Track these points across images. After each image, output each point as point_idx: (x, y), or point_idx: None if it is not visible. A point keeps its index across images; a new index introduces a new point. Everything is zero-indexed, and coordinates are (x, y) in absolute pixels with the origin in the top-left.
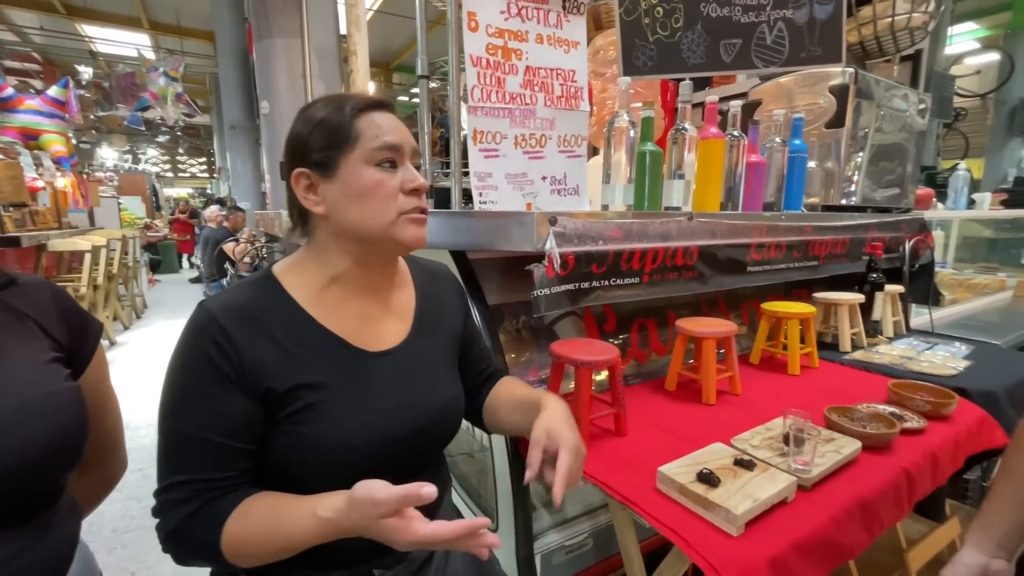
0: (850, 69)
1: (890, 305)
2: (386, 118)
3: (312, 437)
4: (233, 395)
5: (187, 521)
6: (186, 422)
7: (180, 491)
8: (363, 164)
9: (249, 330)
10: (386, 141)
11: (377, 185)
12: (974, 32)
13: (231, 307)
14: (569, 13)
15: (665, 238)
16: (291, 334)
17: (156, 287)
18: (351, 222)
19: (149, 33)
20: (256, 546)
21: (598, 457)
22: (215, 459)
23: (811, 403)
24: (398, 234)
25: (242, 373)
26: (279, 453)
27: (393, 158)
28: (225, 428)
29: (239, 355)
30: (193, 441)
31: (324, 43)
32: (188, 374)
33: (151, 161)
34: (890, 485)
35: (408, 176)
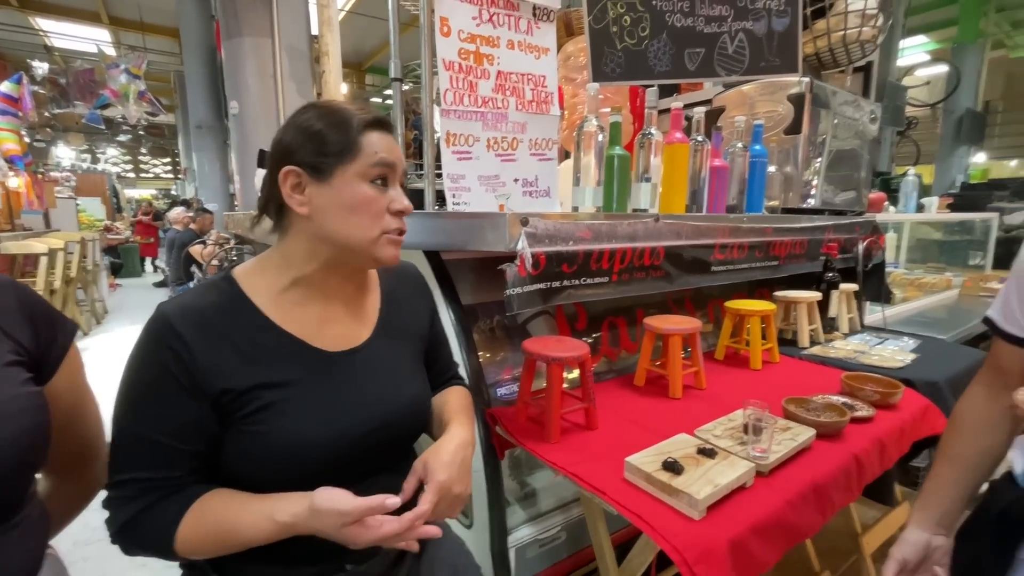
0: (806, 79)
1: (845, 303)
2: (384, 138)
3: (272, 436)
4: (185, 400)
5: (139, 516)
6: (137, 422)
7: (130, 488)
8: (358, 178)
9: (206, 334)
10: (383, 159)
11: (369, 201)
12: (924, 45)
13: (188, 311)
14: (539, 20)
15: (633, 239)
16: (250, 335)
17: (118, 292)
18: (335, 231)
19: (109, 28)
20: (209, 544)
21: (569, 450)
22: (163, 459)
23: (771, 395)
24: (377, 252)
25: (196, 378)
26: (238, 454)
27: (387, 175)
28: (175, 430)
29: (194, 360)
30: (143, 441)
31: (295, 43)
32: (142, 376)
33: (112, 161)
34: (841, 470)
35: (397, 197)
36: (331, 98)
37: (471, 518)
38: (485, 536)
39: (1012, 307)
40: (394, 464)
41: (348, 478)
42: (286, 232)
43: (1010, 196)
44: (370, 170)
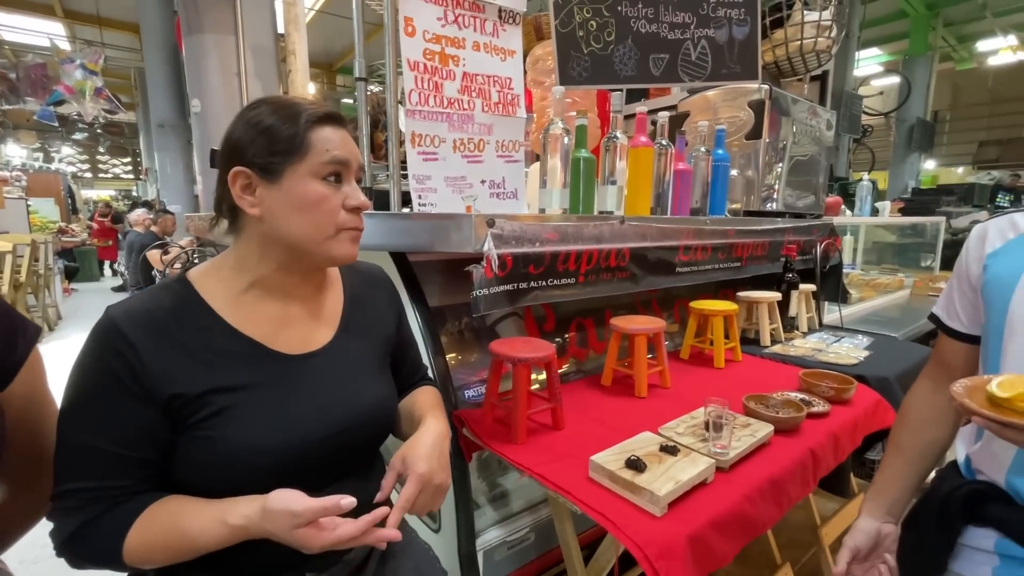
0: (765, 86)
1: (804, 303)
2: (337, 132)
3: (225, 442)
4: (132, 406)
5: (85, 527)
6: (83, 430)
7: (75, 498)
8: (309, 176)
9: (153, 337)
10: (335, 156)
11: (321, 199)
12: (878, 57)
13: (136, 314)
14: (505, 23)
15: (599, 240)
16: (204, 339)
17: (73, 296)
18: (288, 231)
19: (64, 22)
20: (160, 551)
21: (535, 450)
22: (111, 468)
23: (733, 393)
24: (332, 250)
25: (145, 383)
26: (190, 461)
27: (340, 172)
28: (122, 438)
29: (143, 364)
30: (89, 450)
31: (261, 41)
32: (88, 382)
33: (67, 160)
34: (797, 464)
35: (352, 193)
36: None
37: (439, 522)
38: (453, 539)
39: (954, 305)
40: (359, 469)
41: (310, 484)
42: (240, 233)
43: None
44: (322, 167)
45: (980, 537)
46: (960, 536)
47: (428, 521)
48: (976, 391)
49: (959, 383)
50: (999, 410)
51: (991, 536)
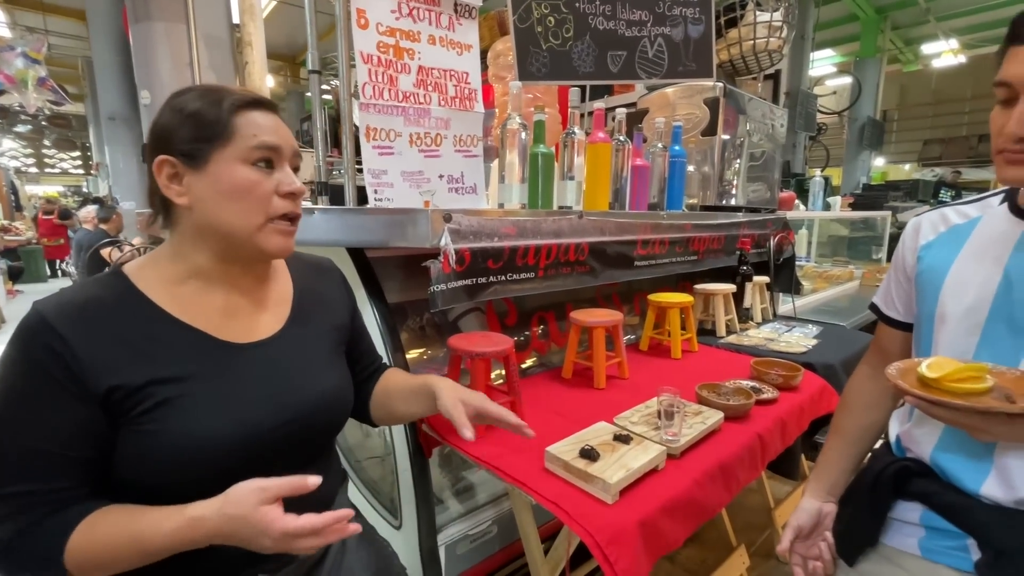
0: (720, 84)
1: (758, 294)
2: (266, 118)
3: (170, 434)
4: (66, 403)
5: (22, 534)
6: (13, 432)
7: (9, 504)
8: (237, 162)
9: (86, 329)
10: (264, 141)
11: (251, 185)
12: (831, 58)
13: (65, 306)
14: (461, 17)
15: (558, 235)
16: (142, 330)
17: (17, 299)
18: (218, 220)
19: (3, 7)
20: (108, 556)
21: (493, 443)
22: (47, 470)
23: (688, 382)
24: (263, 242)
25: (77, 376)
26: (132, 457)
27: (270, 158)
28: (58, 437)
29: (74, 356)
30: (22, 452)
31: (214, 31)
32: (16, 380)
33: (9, 154)
34: (746, 449)
35: (285, 179)
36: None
37: (400, 519)
38: (414, 536)
39: (891, 294)
40: (313, 460)
41: (262, 476)
42: (174, 225)
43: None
44: (250, 152)
45: (908, 511)
46: (890, 511)
47: (389, 517)
48: (908, 373)
49: (893, 366)
50: (929, 390)
51: (917, 509)
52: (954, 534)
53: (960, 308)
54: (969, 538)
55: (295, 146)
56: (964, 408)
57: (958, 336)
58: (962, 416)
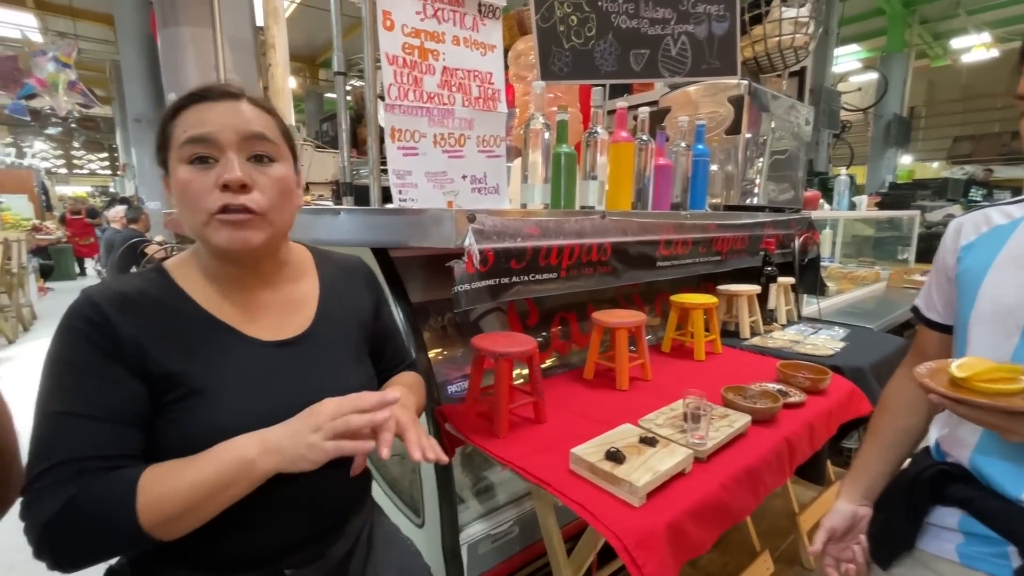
0: (745, 81)
1: (783, 295)
2: (205, 110)
3: (196, 424)
4: (112, 370)
5: (77, 498)
6: (64, 401)
7: (60, 473)
8: (178, 163)
9: (127, 314)
10: (191, 135)
11: (184, 185)
12: (856, 54)
13: (110, 291)
14: (485, 17)
15: (580, 235)
16: (177, 321)
17: (48, 296)
18: (182, 223)
19: (35, 13)
20: (173, 494)
21: (517, 444)
22: (98, 438)
23: (713, 385)
24: (211, 237)
25: (119, 351)
26: (163, 446)
27: (203, 153)
28: (106, 404)
29: (115, 334)
30: (72, 420)
31: (239, 34)
32: (62, 353)
33: (40, 156)
34: (773, 453)
35: (222, 170)
36: (278, 92)
37: (422, 517)
38: (436, 534)
39: (932, 296)
40: (336, 460)
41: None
42: None
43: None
44: (183, 150)
45: (945, 516)
46: (927, 515)
47: (412, 515)
48: (939, 373)
49: (924, 365)
50: (958, 390)
51: (955, 515)
52: (993, 540)
53: (999, 309)
54: (1009, 545)
55: (247, 130)
56: (988, 407)
57: (997, 338)
58: (987, 415)
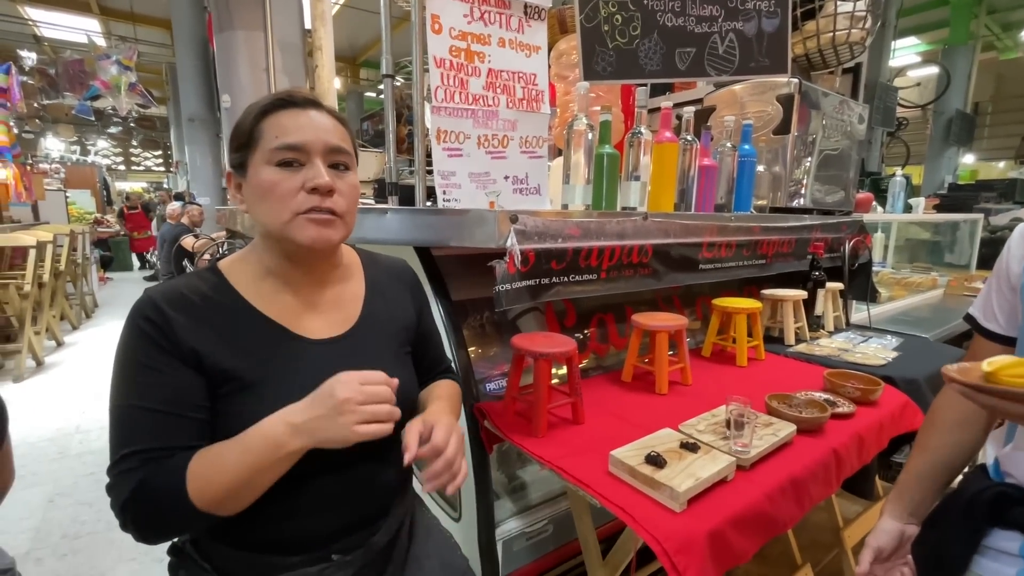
0: (795, 80)
1: (831, 301)
2: (292, 117)
3: (245, 419)
4: (171, 365)
5: (144, 481)
6: (130, 395)
7: (131, 461)
8: (263, 164)
9: (184, 313)
10: (284, 142)
11: (272, 185)
12: (915, 47)
13: (169, 291)
14: (530, 19)
15: (621, 236)
16: (230, 320)
17: (108, 285)
18: (259, 220)
19: (99, 18)
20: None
21: (555, 444)
22: (162, 429)
23: (755, 391)
24: (294, 234)
25: (177, 346)
26: (219, 439)
27: (293, 158)
28: (168, 397)
29: (172, 330)
30: (139, 413)
31: (288, 37)
32: (128, 351)
33: (102, 153)
34: (820, 464)
35: (310, 175)
36: (323, 93)
37: (459, 511)
38: (473, 529)
39: (991, 305)
40: (378, 452)
41: (329, 466)
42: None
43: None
44: (272, 154)
45: (1005, 540)
46: (984, 538)
47: (449, 510)
48: (970, 371)
49: (955, 364)
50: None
51: (1017, 539)
52: None
53: None
54: None
55: (331, 142)
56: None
57: None
58: (1009, 404)
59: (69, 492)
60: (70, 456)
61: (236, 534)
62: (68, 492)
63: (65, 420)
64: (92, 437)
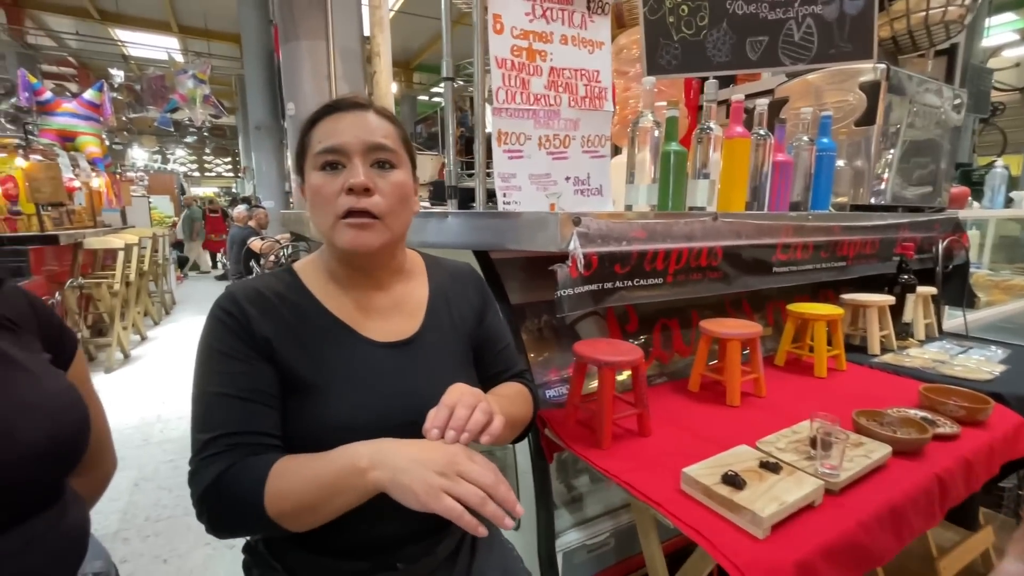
0: (881, 65)
1: (922, 307)
2: (336, 120)
3: (307, 416)
4: (248, 355)
5: (226, 473)
6: (211, 383)
7: (215, 446)
8: (312, 170)
9: (259, 307)
10: (325, 145)
11: (317, 189)
12: (1013, 23)
13: (248, 289)
14: (593, 14)
15: (689, 238)
16: (301, 317)
17: (183, 284)
18: (314, 225)
19: (178, 36)
20: (295, 491)
21: (621, 457)
22: (244, 415)
23: (838, 406)
24: (336, 238)
25: (253, 338)
26: (284, 436)
27: (335, 160)
28: (245, 385)
29: (249, 325)
30: (222, 399)
31: (348, 44)
32: (209, 342)
33: (179, 161)
34: (921, 491)
35: (348, 175)
36: (382, 97)
37: (518, 521)
38: (532, 539)
39: None
40: None
41: None
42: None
43: None
44: (317, 158)
45: None
46: None
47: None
48: None
49: None
50: None
51: None
52: None
53: None
54: None
55: (372, 141)
56: None
57: None
58: None
59: (151, 477)
60: (152, 443)
61: (307, 537)
62: (151, 477)
63: (148, 409)
64: (171, 426)
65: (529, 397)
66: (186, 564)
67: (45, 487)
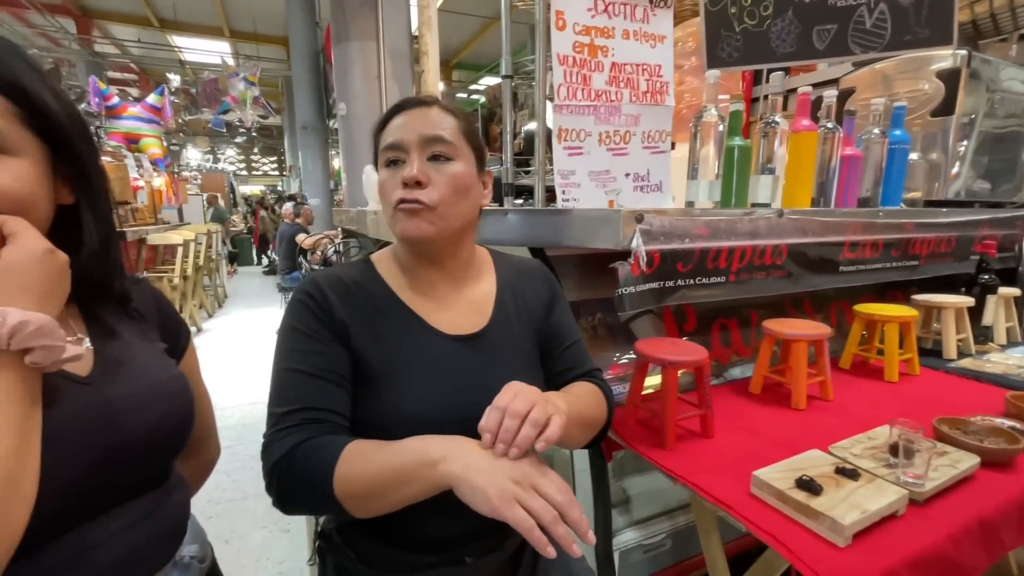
0: (961, 51)
1: (1003, 309)
2: (398, 120)
3: (373, 402)
4: (325, 336)
5: (299, 448)
6: (292, 360)
7: (290, 419)
8: (381, 167)
9: (340, 295)
10: (387, 142)
11: (382, 184)
12: None
13: (331, 276)
14: (656, 7)
15: (753, 236)
16: (376, 305)
17: (234, 278)
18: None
19: (229, 41)
20: (366, 479)
21: (686, 458)
22: (320, 392)
23: (914, 412)
24: (394, 228)
25: (332, 321)
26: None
27: (396, 157)
28: (322, 365)
29: (329, 309)
30: (299, 375)
31: (397, 45)
32: (292, 322)
33: (229, 161)
34: (1014, 505)
35: (404, 169)
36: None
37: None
38: None
39: None
40: None
41: None
42: None
43: None
44: (382, 156)
45: None
46: None
47: None
48: None
49: None
50: None
51: None
52: None
53: None
54: None
55: (427, 134)
56: None
57: None
58: None
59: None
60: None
61: (378, 527)
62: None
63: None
64: (227, 415)
65: (602, 397)
66: (247, 545)
67: (152, 468)
